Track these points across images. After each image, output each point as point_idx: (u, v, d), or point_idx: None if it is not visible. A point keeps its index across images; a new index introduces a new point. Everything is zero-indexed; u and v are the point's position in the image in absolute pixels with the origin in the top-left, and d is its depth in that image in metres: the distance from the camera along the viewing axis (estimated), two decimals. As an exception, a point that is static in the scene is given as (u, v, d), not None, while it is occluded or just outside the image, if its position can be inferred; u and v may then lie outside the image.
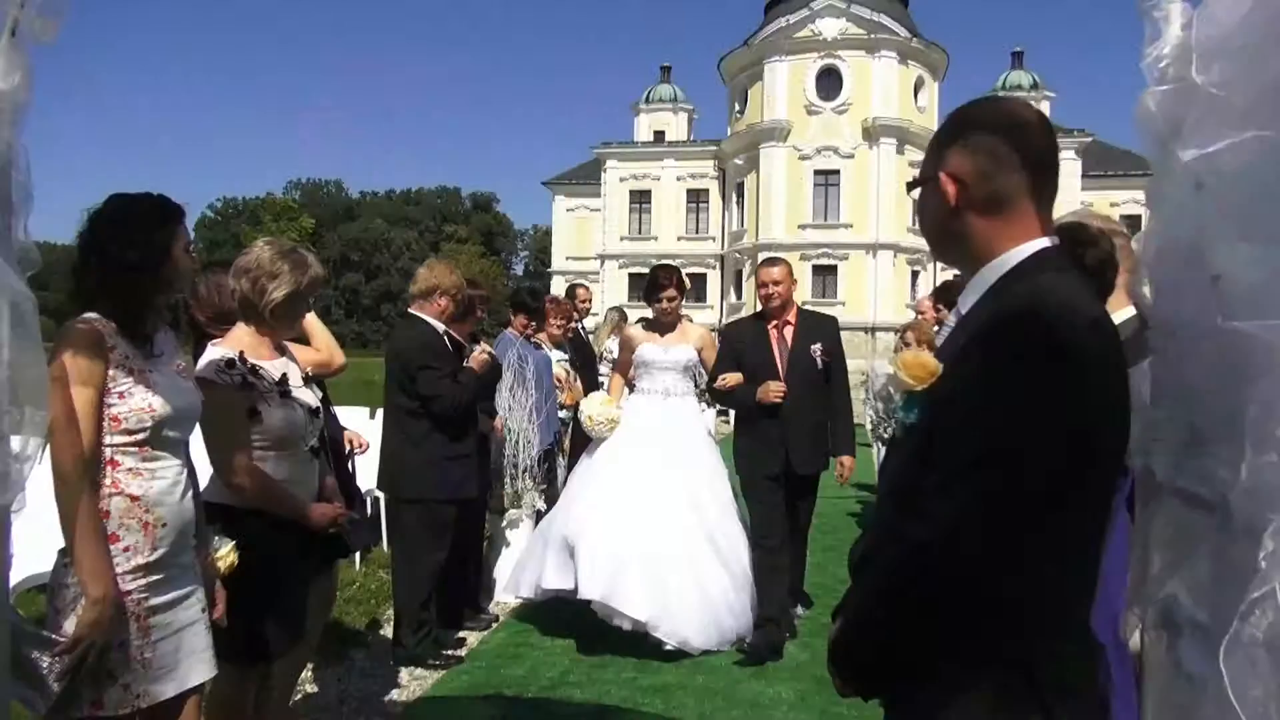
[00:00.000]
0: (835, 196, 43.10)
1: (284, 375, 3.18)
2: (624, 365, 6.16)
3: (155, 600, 2.47)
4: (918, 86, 44.43)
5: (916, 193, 1.69)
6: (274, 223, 69.62)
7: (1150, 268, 1.63)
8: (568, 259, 52.42)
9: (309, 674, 4.85)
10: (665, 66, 52.73)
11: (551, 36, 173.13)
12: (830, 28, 43.01)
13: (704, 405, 12.91)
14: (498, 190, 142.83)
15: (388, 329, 56.34)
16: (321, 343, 4.05)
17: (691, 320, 6.93)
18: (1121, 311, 2.55)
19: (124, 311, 2.47)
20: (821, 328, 5.60)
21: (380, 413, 6.83)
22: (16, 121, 2.13)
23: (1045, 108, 47.20)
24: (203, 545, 2.74)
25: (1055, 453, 1.36)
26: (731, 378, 5.40)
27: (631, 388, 6.11)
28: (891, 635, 1.56)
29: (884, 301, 41.15)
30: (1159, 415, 1.55)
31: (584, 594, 5.05)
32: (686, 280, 6.16)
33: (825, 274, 42.79)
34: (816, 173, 43.26)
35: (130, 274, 2.45)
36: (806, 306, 6.17)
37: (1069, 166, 44.34)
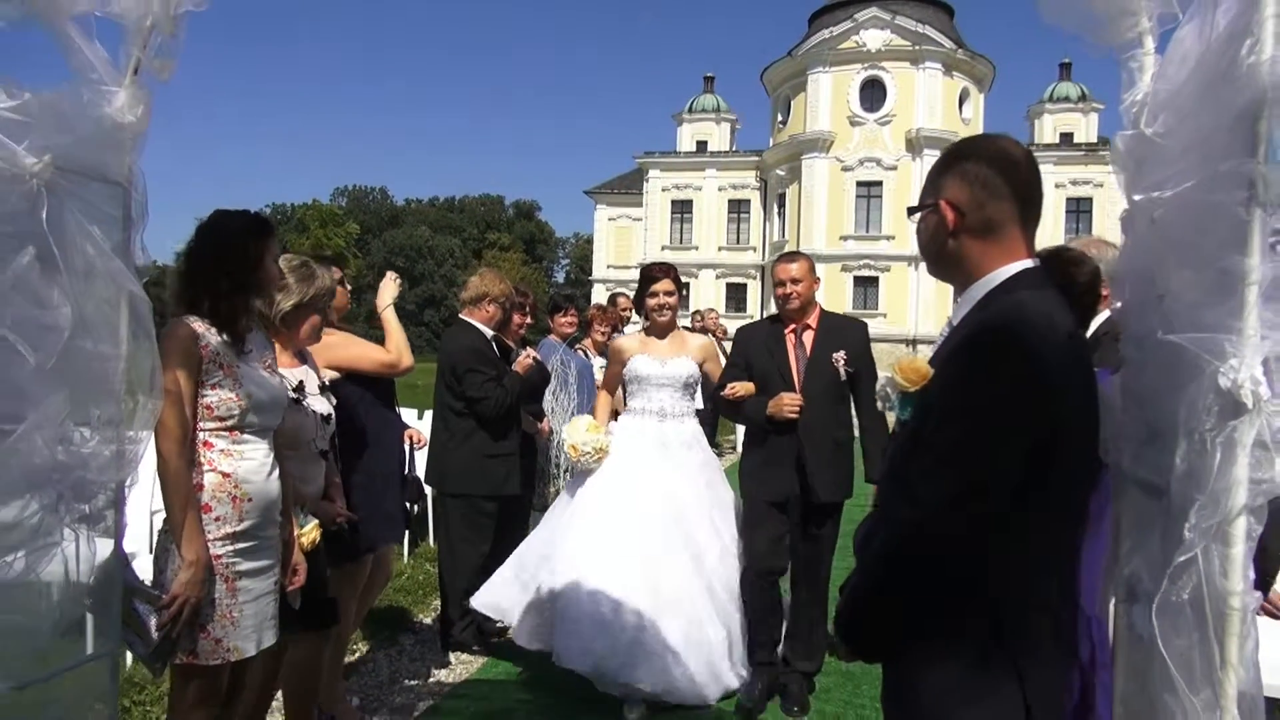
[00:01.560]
0: (877, 208, 43.10)
1: (301, 383, 3.47)
2: (612, 380, 5.30)
3: (242, 566, 2.80)
4: (963, 98, 44.27)
5: (916, 217, 1.93)
6: (320, 229, 70.84)
7: (1120, 287, 1.86)
8: (609, 267, 52.93)
9: (363, 653, 5.18)
10: (708, 77, 53.17)
11: (595, 47, 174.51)
12: (874, 39, 43.06)
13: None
14: (540, 199, 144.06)
15: (430, 334, 57.18)
16: (393, 344, 4.32)
17: (726, 332, 6.70)
18: None
19: (220, 313, 2.79)
20: (847, 333, 4.80)
21: (428, 414, 7.22)
22: (137, 149, 2.47)
23: (1094, 119, 46.88)
24: (287, 522, 3.06)
25: (1023, 445, 1.58)
26: (741, 387, 4.70)
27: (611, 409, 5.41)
28: (885, 605, 1.79)
29: (925, 314, 41.04)
30: (1125, 416, 1.78)
31: (568, 664, 4.42)
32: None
33: (866, 285, 42.79)
34: (859, 184, 43.31)
35: (226, 280, 2.78)
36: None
37: (1118, 180, 43.88)
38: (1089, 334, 2.68)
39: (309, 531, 3.19)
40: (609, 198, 54.10)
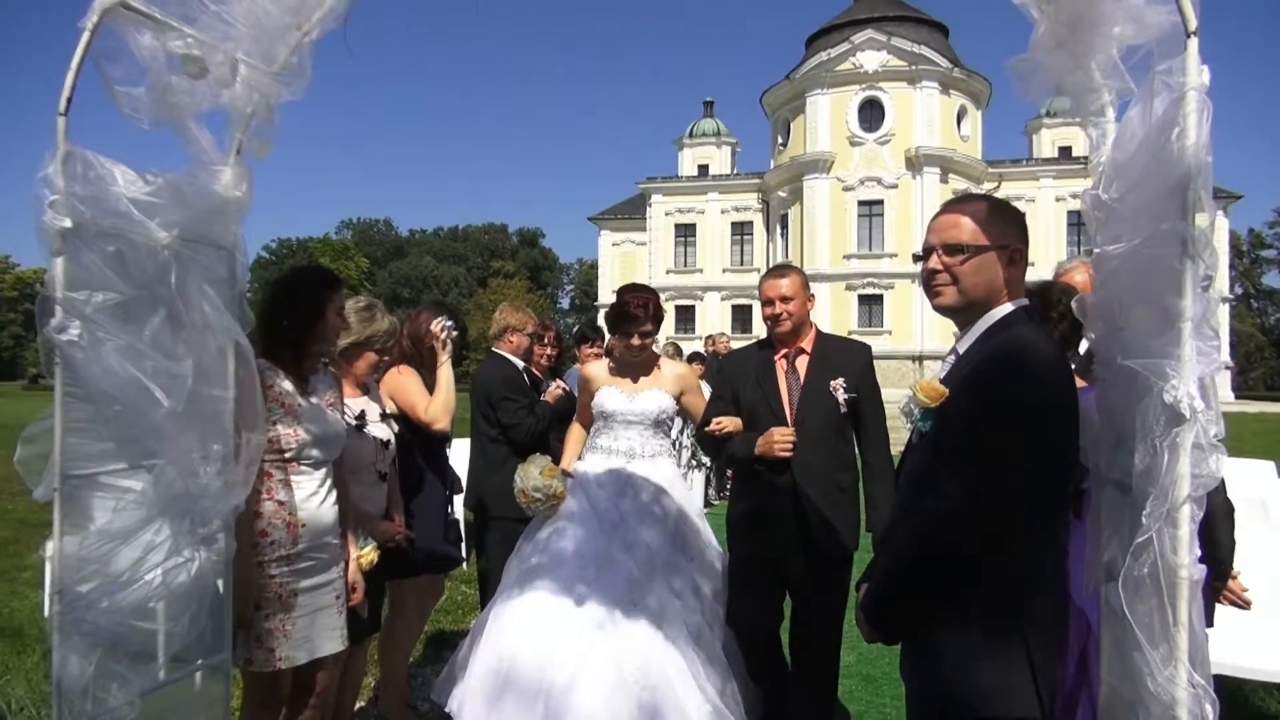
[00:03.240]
0: (879, 226, 43.55)
1: (362, 411, 3.85)
2: (585, 413, 4.78)
3: (296, 585, 3.14)
4: (960, 115, 44.85)
5: (962, 257, 2.22)
6: (331, 263, 71.68)
7: (1091, 320, 2.23)
8: (614, 293, 53.18)
9: (410, 668, 5.52)
10: (708, 101, 53.95)
11: (595, 75, 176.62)
12: (871, 60, 43.69)
13: (688, 469, 10.49)
14: (544, 226, 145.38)
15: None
16: (434, 400, 4.40)
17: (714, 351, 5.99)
18: None
19: (286, 357, 3.17)
20: (846, 358, 4.09)
21: (455, 442, 7.56)
22: (241, 219, 2.84)
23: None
24: (347, 543, 3.41)
25: (1025, 453, 1.95)
26: (729, 421, 4.02)
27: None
28: (912, 588, 2.14)
29: (930, 330, 41.32)
30: (1100, 426, 2.14)
31: None
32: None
33: (871, 303, 43.14)
34: (860, 203, 43.79)
35: (292, 330, 3.16)
36: (854, 335, 5.00)
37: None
38: (1083, 353, 3.04)
39: (367, 553, 3.54)
40: (613, 223, 54.73)
